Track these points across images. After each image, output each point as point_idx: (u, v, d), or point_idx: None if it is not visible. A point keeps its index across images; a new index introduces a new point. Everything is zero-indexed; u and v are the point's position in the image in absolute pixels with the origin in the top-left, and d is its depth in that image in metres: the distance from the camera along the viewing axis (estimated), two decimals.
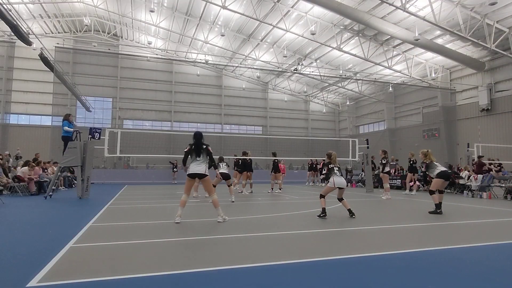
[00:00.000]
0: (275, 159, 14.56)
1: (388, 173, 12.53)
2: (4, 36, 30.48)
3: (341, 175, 7.36)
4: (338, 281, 3.11)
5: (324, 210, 7.06)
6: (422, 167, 8.59)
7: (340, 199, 7.32)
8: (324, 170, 7.54)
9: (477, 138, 23.26)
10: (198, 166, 6.29)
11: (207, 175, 6.36)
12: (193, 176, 6.30)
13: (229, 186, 10.73)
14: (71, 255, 3.84)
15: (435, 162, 8.37)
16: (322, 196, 7.26)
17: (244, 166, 13.52)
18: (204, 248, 4.39)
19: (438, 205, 7.83)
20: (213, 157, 6.61)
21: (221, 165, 10.94)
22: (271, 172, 14.95)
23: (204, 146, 6.37)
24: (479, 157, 14.71)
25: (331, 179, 7.23)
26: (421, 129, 32.16)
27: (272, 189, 14.49)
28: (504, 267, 3.68)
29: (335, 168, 7.36)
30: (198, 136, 6.42)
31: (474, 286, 3.07)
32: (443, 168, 8.27)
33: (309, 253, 4.18)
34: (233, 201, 9.85)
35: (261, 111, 41.54)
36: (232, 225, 6.24)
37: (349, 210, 7.08)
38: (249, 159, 13.65)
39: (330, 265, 3.65)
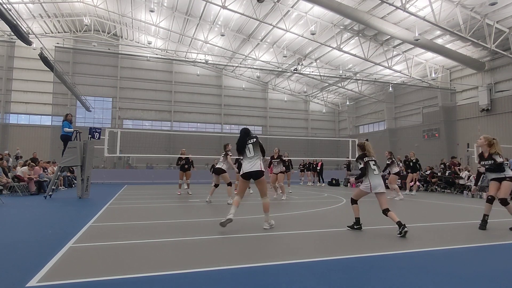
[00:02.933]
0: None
1: (398, 173, 12.32)
2: (4, 35, 30.46)
3: (380, 174, 5.66)
4: (338, 281, 3.11)
5: (358, 220, 5.64)
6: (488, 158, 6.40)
7: (385, 211, 5.38)
8: (360, 164, 5.67)
9: (477, 138, 23.25)
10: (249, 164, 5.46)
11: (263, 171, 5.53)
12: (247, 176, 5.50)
13: (228, 185, 10.06)
14: (70, 255, 3.84)
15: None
16: (354, 202, 5.81)
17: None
18: (204, 248, 4.38)
19: None
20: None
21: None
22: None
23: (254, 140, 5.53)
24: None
25: (365, 180, 5.56)
26: (421, 129, 32.15)
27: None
28: (504, 267, 3.67)
29: (371, 163, 5.60)
30: (242, 132, 5.69)
31: (474, 286, 3.07)
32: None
33: (309, 253, 4.18)
34: (229, 203, 9.20)
35: (261, 111, 41.53)
36: (232, 225, 6.23)
37: (399, 223, 5.09)
38: None
39: (330, 265, 3.65)
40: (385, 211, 5.38)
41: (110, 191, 14.42)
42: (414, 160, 14.06)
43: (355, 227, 5.64)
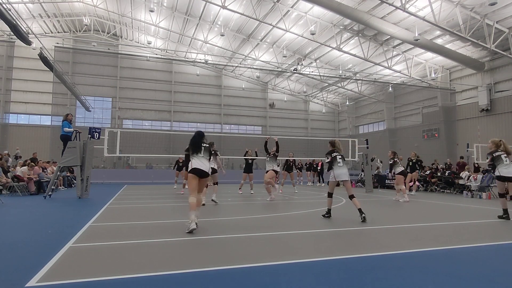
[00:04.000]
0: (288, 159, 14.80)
1: (403, 173, 11.44)
2: (3, 35, 30.42)
3: (344, 166, 6.80)
4: (338, 281, 3.10)
5: (329, 211, 6.84)
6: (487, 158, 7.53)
7: (351, 197, 6.67)
8: (328, 158, 6.88)
9: (476, 139, 23.25)
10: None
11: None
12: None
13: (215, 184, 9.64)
14: (70, 255, 3.83)
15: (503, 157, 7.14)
16: (329, 195, 6.96)
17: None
18: (204, 248, 4.38)
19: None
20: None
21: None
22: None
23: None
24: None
25: (331, 172, 6.78)
26: (421, 129, 32.16)
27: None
28: (504, 267, 3.67)
29: (338, 157, 6.80)
30: (197, 134, 5.93)
31: (474, 286, 3.07)
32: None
33: (309, 253, 4.18)
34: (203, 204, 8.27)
35: (261, 111, 41.52)
36: (232, 225, 6.23)
37: (360, 210, 6.42)
38: (251, 159, 13.49)
39: (330, 265, 3.64)
40: (351, 197, 6.66)
41: (109, 191, 14.41)
42: (414, 160, 14.07)
43: (326, 215, 6.82)
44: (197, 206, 5.45)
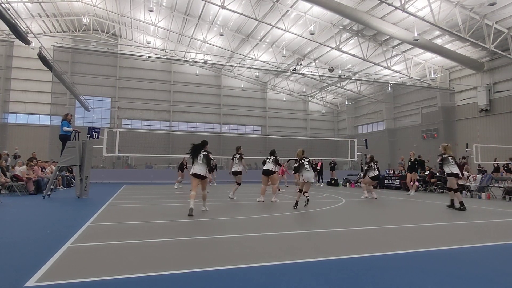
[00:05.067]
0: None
1: (375, 178, 11.73)
2: (2, 35, 30.38)
3: (310, 170, 8.60)
4: (338, 281, 3.10)
5: (297, 203, 8.54)
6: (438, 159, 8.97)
7: (304, 192, 8.60)
8: (296, 164, 8.86)
9: (476, 139, 23.29)
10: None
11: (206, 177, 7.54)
12: None
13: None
14: (69, 255, 3.82)
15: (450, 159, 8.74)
16: (300, 190, 8.70)
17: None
18: (204, 248, 4.37)
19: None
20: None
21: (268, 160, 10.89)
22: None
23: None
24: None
25: (301, 175, 8.66)
26: (420, 129, 32.18)
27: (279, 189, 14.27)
28: (503, 267, 3.67)
29: (305, 163, 8.62)
30: (202, 143, 7.70)
31: (474, 286, 3.06)
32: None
33: (309, 253, 4.17)
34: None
35: (260, 111, 41.51)
36: (232, 225, 6.22)
37: (301, 200, 8.60)
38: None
39: (330, 265, 3.63)
40: (304, 192, 8.57)
41: (108, 191, 14.39)
42: (412, 160, 14.08)
43: (295, 207, 8.43)
44: (195, 198, 7.13)
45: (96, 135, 11.56)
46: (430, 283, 3.04)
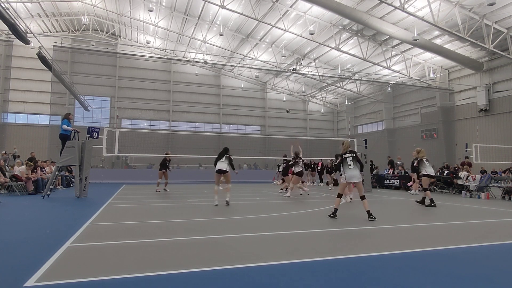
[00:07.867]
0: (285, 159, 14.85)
1: (299, 173, 11.95)
2: (2, 35, 30.31)
3: (356, 167, 6.80)
4: (338, 281, 3.09)
5: (335, 211, 6.76)
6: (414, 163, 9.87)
7: (361, 198, 6.79)
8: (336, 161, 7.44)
9: (475, 139, 23.30)
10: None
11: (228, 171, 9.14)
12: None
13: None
14: (68, 255, 3.81)
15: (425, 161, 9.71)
16: (339, 195, 6.96)
17: None
18: (204, 248, 4.36)
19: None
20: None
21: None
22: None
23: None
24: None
25: (342, 174, 6.78)
26: (420, 129, 32.17)
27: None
28: (504, 267, 3.67)
29: (348, 158, 6.76)
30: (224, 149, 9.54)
31: (474, 286, 3.06)
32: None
33: (309, 253, 4.17)
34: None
35: (260, 110, 41.48)
36: (232, 225, 6.22)
37: (368, 212, 6.54)
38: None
39: (329, 265, 3.63)
40: (361, 198, 7.01)
41: (108, 190, 14.38)
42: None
43: (331, 215, 6.94)
44: (217, 193, 9.07)
45: (96, 135, 11.55)
46: (430, 283, 3.04)
